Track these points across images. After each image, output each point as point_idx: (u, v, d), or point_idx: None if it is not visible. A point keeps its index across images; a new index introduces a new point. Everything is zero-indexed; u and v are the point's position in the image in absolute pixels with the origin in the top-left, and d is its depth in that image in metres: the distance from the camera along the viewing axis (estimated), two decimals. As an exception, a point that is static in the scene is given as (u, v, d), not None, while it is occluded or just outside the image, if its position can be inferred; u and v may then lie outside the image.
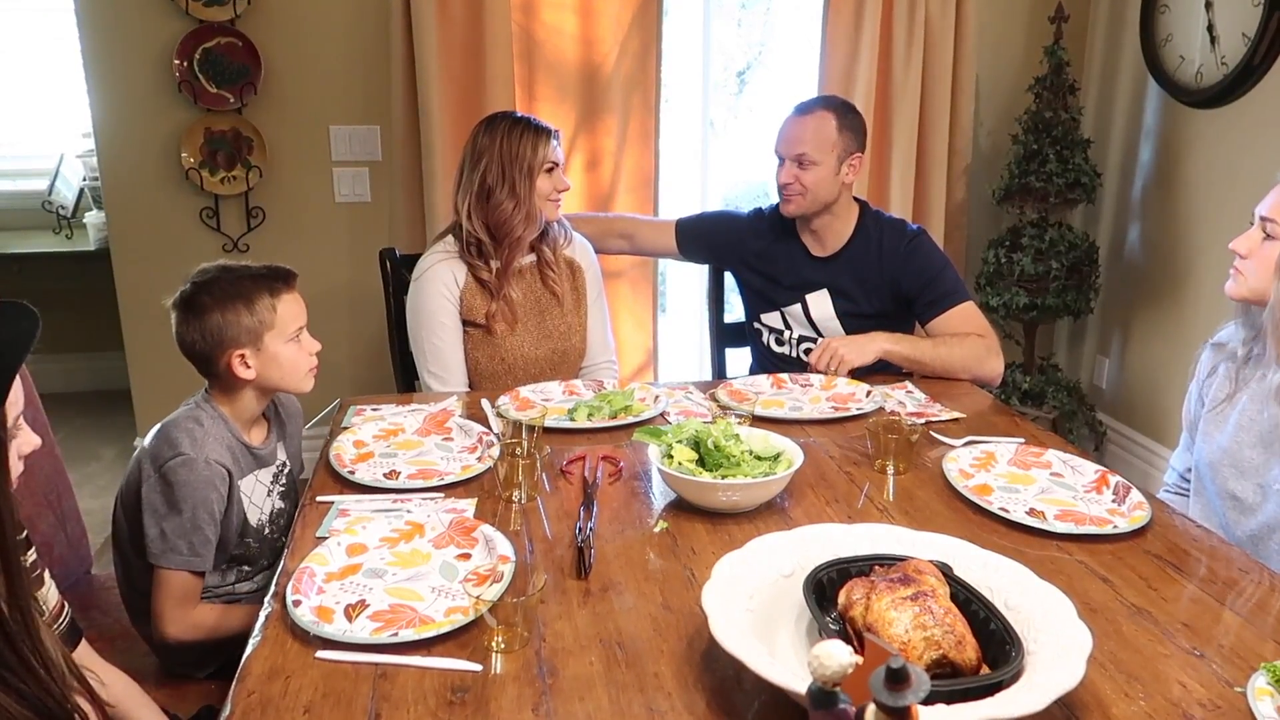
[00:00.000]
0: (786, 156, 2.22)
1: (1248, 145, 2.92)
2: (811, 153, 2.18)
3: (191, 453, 1.49)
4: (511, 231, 2.11)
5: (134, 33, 3.04)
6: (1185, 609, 1.21)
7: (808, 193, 2.21)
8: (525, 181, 2.08)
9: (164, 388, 3.28)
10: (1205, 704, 1.02)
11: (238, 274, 1.59)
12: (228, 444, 1.57)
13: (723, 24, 3.74)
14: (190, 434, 1.52)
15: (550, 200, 2.14)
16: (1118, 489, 1.51)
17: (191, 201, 3.19)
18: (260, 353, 1.57)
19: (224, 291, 1.55)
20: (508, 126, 2.11)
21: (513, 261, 2.15)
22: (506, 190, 2.08)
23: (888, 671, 0.65)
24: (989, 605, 1.06)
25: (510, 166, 2.08)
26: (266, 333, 1.57)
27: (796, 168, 2.20)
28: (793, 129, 2.23)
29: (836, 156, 2.20)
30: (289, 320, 1.60)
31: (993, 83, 3.50)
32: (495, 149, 2.09)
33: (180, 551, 1.49)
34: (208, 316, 1.54)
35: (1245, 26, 2.84)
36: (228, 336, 1.55)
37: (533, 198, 2.10)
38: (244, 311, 1.55)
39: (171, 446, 1.50)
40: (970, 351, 2.11)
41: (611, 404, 1.87)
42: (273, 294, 1.58)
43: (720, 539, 1.39)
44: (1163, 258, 3.29)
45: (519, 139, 2.09)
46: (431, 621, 1.16)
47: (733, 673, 1.07)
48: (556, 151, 2.13)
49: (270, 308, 1.58)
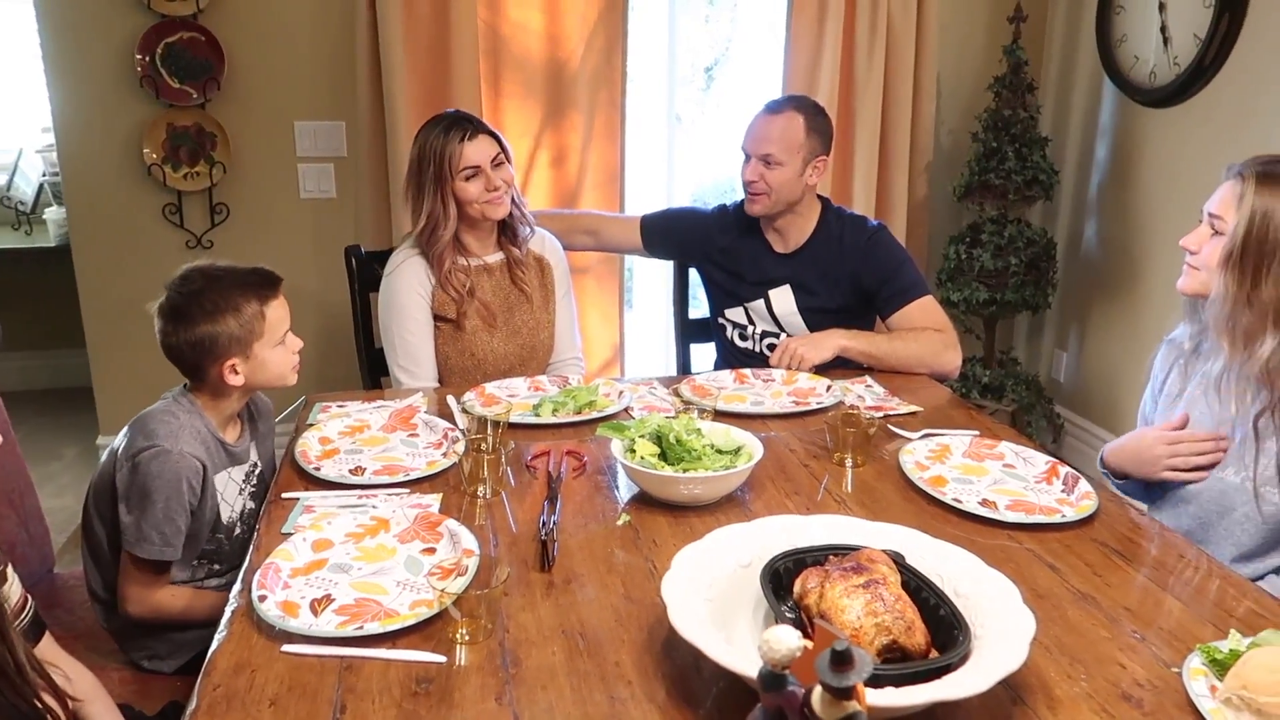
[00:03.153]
0: (753, 154, 2.25)
1: (1199, 143, 3.00)
2: (778, 153, 2.21)
3: (167, 444, 1.50)
4: (434, 230, 2.12)
5: (95, 26, 3.00)
6: (1128, 594, 1.26)
7: (772, 192, 2.24)
8: (439, 186, 2.09)
9: (126, 385, 3.26)
10: (1143, 684, 1.07)
11: (226, 283, 1.58)
12: (203, 439, 1.57)
13: (690, 20, 3.77)
14: (166, 425, 1.53)
15: (483, 202, 2.12)
16: (1067, 479, 1.56)
17: (154, 197, 3.17)
18: (249, 360, 1.59)
19: (214, 304, 1.55)
20: (426, 133, 2.12)
21: (440, 258, 2.15)
22: (423, 191, 2.11)
23: (832, 654, 0.68)
24: (939, 592, 1.10)
25: (424, 170, 2.10)
26: (256, 341, 1.59)
27: (762, 166, 2.23)
28: (762, 128, 2.25)
29: (802, 158, 2.23)
30: (277, 326, 1.62)
31: (953, 81, 3.56)
32: (417, 149, 2.12)
33: (152, 541, 1.50)
34: (197, 328, 1.54)
35: (1197, 28, 2.91)
36: (219, 347, 1.56)
37: (448, 201, 2.10)
38: (234, 324, 1.56)
39: (147, 437, 1.51)
40: (927, 346, 2.16)
41: (576, 399, 1.89)
42: (261, 301, 1.60)
43: (682, 531, 1.41)
44: (1118, 253, 3.37)
45: (432, 145, 2.09)
46: (396, 615, 1.18)
47: (692, 661, 1.10)
48: (479, 154, 2.09)
49: (259, 316, 1.59)
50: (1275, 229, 1.43)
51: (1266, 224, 1.44)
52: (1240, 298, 1.47)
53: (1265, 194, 1.45)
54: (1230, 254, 1.48)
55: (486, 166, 2.10)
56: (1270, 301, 1.45)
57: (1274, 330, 1.45)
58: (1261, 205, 1.45)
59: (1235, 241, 1.47)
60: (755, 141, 2.25)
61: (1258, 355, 1.46)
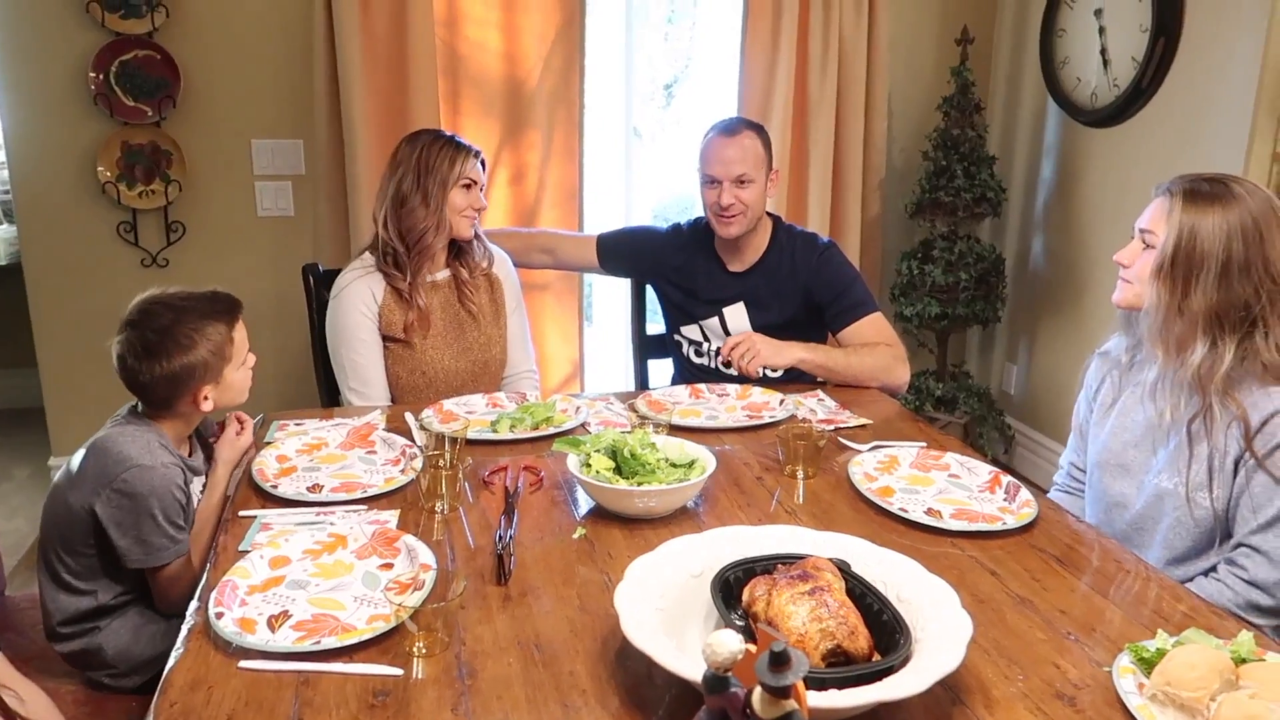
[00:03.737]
0: (726, 179, 2.25)
1: (1138, 161, 3.10)
2: (750, 172, 2.26)
3: (145, 460, 1.52)
4: (423, 237, 2.15)
5: (48, 44, 2.99)
6: (1064, 598, 1.31)
7: (748, 211, 2.29)
8: (439, 191, 2.13)
9: (79, 405, 3.23)
10: (1077, 683, 1.11)
11: (192, 313, 1.60)
12: (170, 450, 1.60)
13: (649, 37, 3.83)
14: (135, 443, 1.54)
15: (464, 216, 2.18)
16: (1009, 488, 1.61)
17: (108, 215, 3.15)
18: (220, 384, 1.63)
19: (188, 337, 1.57)
20: (429, 140, 2.17)
21: (422, 268, 2.19)
22: (419, 197, 2.13)
23: (770, 655, 0.71)
24: (881, 597, 1.14)
25: (425, 175, 2.13)
26: (226, 366, 1.62)
27: (737, 188, 2.25)
28: (729, 150, 2.26)
29: (764, 174, 2.30)
30: (241, 348, 1.66)
31: (904, 102, 3.65)
32: (413, 159, 2.15)
33: (166, 549, 1.54)
34: (173, 362, 1.56)
35: (1134, 51, 3.02)
36: (194, 378, 1.59)
37: (445, 207, 2.15)
38: (206, 352, 1.59)
39: (120, 461, 1.52)
40: (879, 361, 2.21)
41: (533, 415, 1.92)
42: (229, 326, 1.63)
43: (637, 544, 1.44)
44: (1064, 268, 3.47)
45: (438, 152, 2.15)
46: (354, 629, 1.19)
47: (645, 669, 1.13)
48: (475, 169, 2.18)
49: (228, 340, 1.63)
50: (1202, 242, 1.50)
51: (1194, 238, 1.51)
52: (1172, 307, 1.53)
53: (1192, 210, 1.52)
54: (1161, 266, 1.54)
55: (478, 184, 2.17)
56: (1199, 310, 1.51)
57: (1203, 338, 1.52)
58: (1189, 221, 1.51)
59: (1165, 255, 1.53)
60: (726, 164, 2.25)
61: (1189, 362, 1.53)
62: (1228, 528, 1.53)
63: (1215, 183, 1.53)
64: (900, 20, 3.53)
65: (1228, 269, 1.48)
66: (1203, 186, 1.53)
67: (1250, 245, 1.48)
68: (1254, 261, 1.48)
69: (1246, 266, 1.48)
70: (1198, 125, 2.86)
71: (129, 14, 2.98)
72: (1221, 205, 1.50)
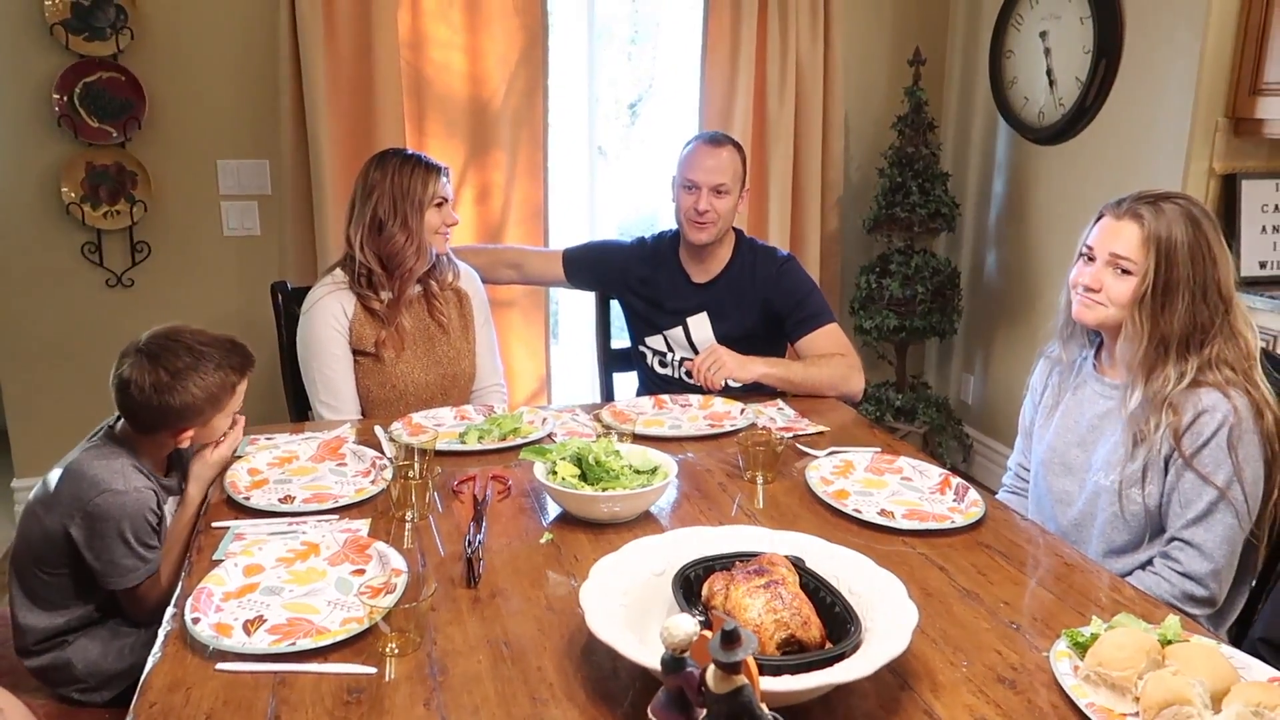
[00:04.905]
0: (705, 185, 2.34)
1: (1083, 177, 3.22)
2: (728, 183, 2.35)
3: (117, 485, 1.55)
4: (404, 263, 2.20)
5: (11, 66, 3.00)
6: (1008, 590, 1.38)
7: (720, 220, 2.38)
8: (416, 215, 2.18)
9: (43, 427, 3.22)
10: (1016, 667, 1.18)
11: (210, 360, 1.64)
12: (145, 473, 1.62)
13: (612, 57, 3.91)
14: (108, 467, 1.57)
15: (439, 234, 2.24)
16: (958, 489, 1.69)
17: (73, 236, 3.15)
18: (204, 428, 1.68)
19: (198, 386, 1.62)
20: (399, 162, 2.21)
21: (404, 291, 2.24)
22: (398, 223, 2.17)
23: (722, 634, 0.77)
24: (833, 590, 1.20)
25: (401, 200, 2.17)
26: (217, 415, 1.68)
27: (714, 196, 2.35)
28: (712, 159, 2.36)
29: (738, 189, 2.39)
30: (237, 402, 1.71)
31: (860, 120, 3.76)
32: (387, 183, 2.18)
33: (134, 570, 1.57)
34: (178, 399, 1.60)
35: (1078, 71, 3.15)
36: (186, 419, 1.64)
37: (423, 231, 2.19)
38: (205, 402, 1.64)
39: (92, 485, 1.54)
40: (836, 371, 2.29)
41: (501, 427, 1.96)
42: (239, 378, 1.70)
43: (602, 547, 1.49)
44: (1017, 280, 3.58)
45: (410, 174, 2.19)
46: (328, 631, 1.23)
47: (610, 664, 1.18)
48: (446, 188, 2.23)
49: (230, 392, 1.69)
50: (1177, 270, 1.56)
51: (1173, 266, 1.56)
52: (1154, 335, 1.58)
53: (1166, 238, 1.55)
54: (1143, 296, 1.58)
55: (449, 201, 2.23)
56: (1173, 336, 1.57)
57: (1176, 361, 1.57)
58: (1166, 249, 1.56)
59: (1147, 285, 1.57)
60: (708, 172, 2.35)
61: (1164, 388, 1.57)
62: (1160, 522, 1.62)
63: (1171, 203, 1.59)
64: (854, 42, 3.64)
65: (1194, 294, 1.56)
66: (1170, 210, 1.57)
67: (1209, 267, 1.56)
68: (1211, 283, 1.56)
69: (1204, 289, 1.56)
70: (1139, 142, 2.99)
71: (93, 36, 3.01)
72: (1191, 230, 1.56)
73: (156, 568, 1.61)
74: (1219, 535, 1.54)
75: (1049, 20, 3.28)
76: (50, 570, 1.59)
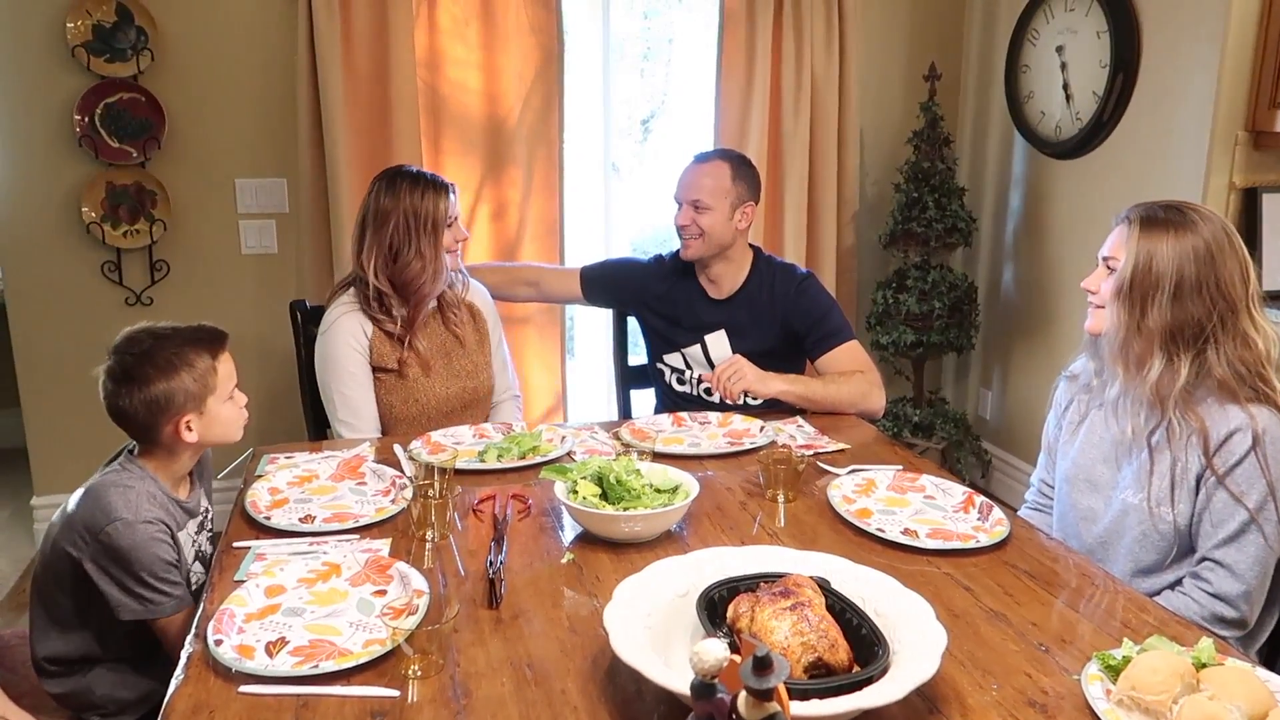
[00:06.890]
0: (684, 200, 2.39)
1: (1101, 192, 3.20)
2: (706, 198, 2.35)
3: (129, 515, 1.52)
4: (420, 289, 2.20)
5: (33, 88, 3.03)
6: (1036, 611, 1.36)
7: (704, 235, 2.36)
8: (431, 240, 2.18)
9: (62, 446, 3.24)
10: (1047, 690, 1.16)
11: (174, 340, 1.61)
12: (160, 502, 1.60)
13: (626, 75, 3.92)
14: (123, 496, 1.54)
15: (450, 252, 2.24)
16: (982, 508, 1.67)
17: (92, 255, 3.17)
18: (204, 415, 1.63)
19: (168, 361, 1.58)
20: (408, 185, 2.19)
21: (419, 315, 2.23)
22: (414, 251, 2.17)
23: (754, 660, 0.76)
24: (860, 612, 1.18)
25: (417, 226, 2.17)
26: (209, 396, 1.63)
27: (693, 211, 2.37)
28: (691, 176, 2.40)
29: (730, 203, 2.36)
30: (227, 380, 1.66)
31: (875, 135, 3.75)
32: (400, 209, 2.17)
33: (162, 603, 1.54)
34: (151, 387, 1.56)
35: (1095, 86, 3.14)
36: (174, 404, 1.59)
37: (440, 255, 2.19)
38: (188, 379, 1.59)
39: (106, 513, 1.52)
40: (856, 388, 2.27)
41: (520, 445, 1.96)
42: (213, 356, 1.64)
43: (624, 567, 1.48)
44: (1034, 295, 3.56)
45: (421, 198, 2.17)
46: (350, 653, 1.22)
47: (634, 686, 1.17)
48: (455, 206, 2.24)
49: (212, 370, 1.63)
50: (1157, 264, 1.58)
51: (1150, 260, 1.59)
52: (1131, 326, 1.61)
53: (1148, 235, 1.59)
54: (1120, 288, 1.61)
55: (459, 218, 2.24)
56: (1156, 329, 1.58)
57: (1160, 354, 1.59)
58: (1146, 245, 1.59)
59: (1124, 278, 1.61)
60: (685, 188, 2.39)
61: (1148, 379, 1.60)
62: (1190, 542, 1.60)
63: (1171, 209, 1.62)
64: (870, 57, 3.64)
65: (1180, 289, 1.56)
66: (1158, 213, 1.61)
67: (1202, 266, 1.56)
68: (1205, 281, 1.56)
69: (1198, 286, 1.56)
70: (1157, 156, 2.97)
71: (114, 58, 3.03)
72: (1175, 230, 1.58)
73: (184, 603, 1.57)
74: (1251, 556, 1.52)
75: (1065, 35, 3.27)
76: (69, 593, 1.59)
